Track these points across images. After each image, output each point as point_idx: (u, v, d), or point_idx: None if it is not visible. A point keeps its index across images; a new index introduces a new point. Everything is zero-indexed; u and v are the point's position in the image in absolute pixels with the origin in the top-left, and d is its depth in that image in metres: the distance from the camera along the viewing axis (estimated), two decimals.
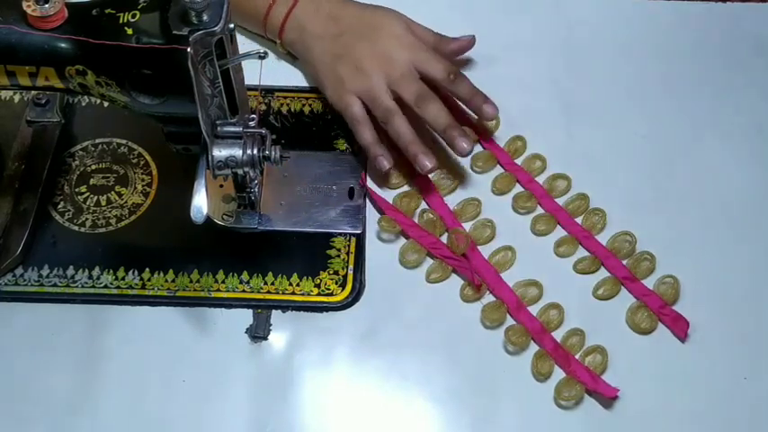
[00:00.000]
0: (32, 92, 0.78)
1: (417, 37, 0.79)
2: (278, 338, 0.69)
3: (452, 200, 0.77)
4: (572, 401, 0.66)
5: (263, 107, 0.82)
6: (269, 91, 0.83)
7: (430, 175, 0.76)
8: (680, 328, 0.69)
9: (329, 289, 0.72)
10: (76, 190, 0.76)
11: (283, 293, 0.71)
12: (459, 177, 0.78)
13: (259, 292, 0.71)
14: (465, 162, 0.79)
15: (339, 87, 0.77)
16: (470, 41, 0.82)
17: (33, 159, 0.76)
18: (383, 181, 0.77)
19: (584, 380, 0.67)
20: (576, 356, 0.68)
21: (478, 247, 0.74)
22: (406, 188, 0.77)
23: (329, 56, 0.78)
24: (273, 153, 0.66)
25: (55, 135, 0.78)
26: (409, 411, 0.67)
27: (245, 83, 0.67)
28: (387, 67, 0.76)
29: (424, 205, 0.76)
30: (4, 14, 0.59)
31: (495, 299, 0.71)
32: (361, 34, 0.78)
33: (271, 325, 0.70)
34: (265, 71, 0.66)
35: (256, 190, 0.72)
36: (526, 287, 0.71)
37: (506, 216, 0.76)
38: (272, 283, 0.71)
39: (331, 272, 0.72)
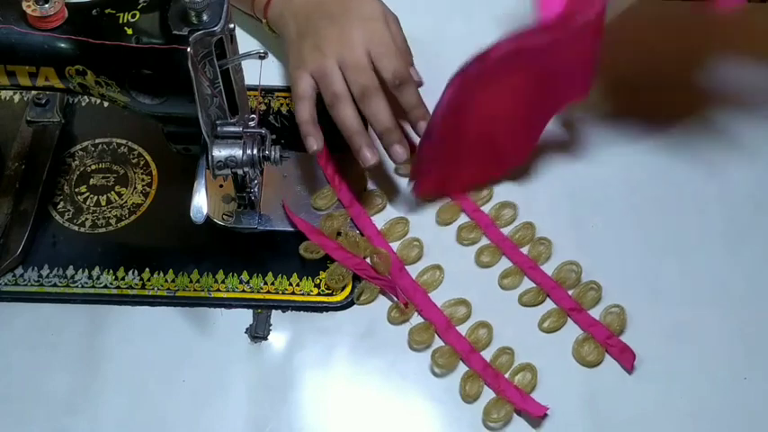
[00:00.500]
0: (32, 92, 0.78)
1: (388, 30, 0.75)
2: (278, 338, 0.69)
3: (382, 218, 0.75)
4: (500, 422, 0.65)
5: (263, 107, 0.82)
6: (269, 91, 0.83)
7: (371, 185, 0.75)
8: (626, 359, 0.67)
9: (329, 289, 0.72)
10: (76, 190, 0.76)
11: (283, 293, 0.71)
12: (388, 194, 0.77)
13: (259, 292, 0.71)
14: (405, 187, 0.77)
15: (297, 64, 0.75)
16: (419, 83, 0.75)
17: (33, 159, 0.76)
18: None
19: (513, 399, 0.65)
20: (506, 375, 0.67)
21: (407, 267, 0.72)
22: (331, 210, 0.75)
23: (297, 33, 0.77)
24: (273, 153, 0.66)
25: (55, 135, 0.78)
26: (409, 411, 0.67)
27: (245, 83, 0.67)
28: (343, 50, 0.73)
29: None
30: (4, 14, 0.59)
31: (423, 320, 0.70)
32: (332, 15, 0.75)
33: (271, 325, 0.70)
34: (265, 71, 0.66)
35: (256, 190, 0.73)
36: (455, 306, 0.70)
37: (450, 247, 0.74)
38: (272, 283, 0.71)
39: None
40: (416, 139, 0.75)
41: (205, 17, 0.58)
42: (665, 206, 0.77)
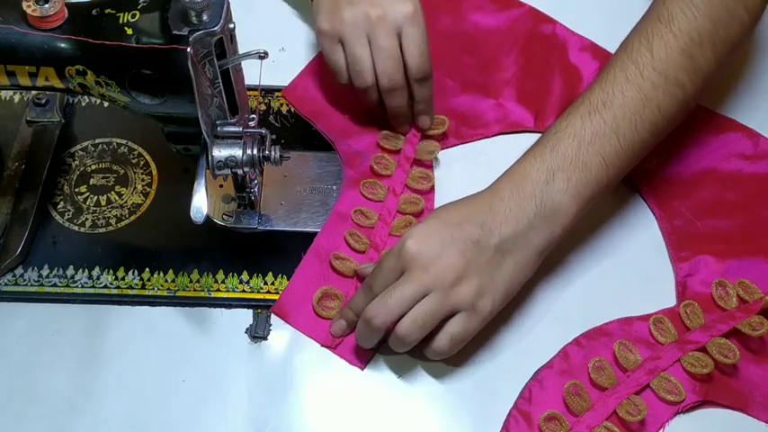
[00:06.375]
0: (32, 92, 0.78)
1: (422, 22, 0.74)
2: (278, 338, 0.69)
3: None
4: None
5: (263, 107, 0.82)
6: (269, 91, 0.83)
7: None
8: None
9: None
10: (76, 190, 0.76)
11: None
12: None
13: (259, 292, 0.71)
14: None
15: (326, 18, 0.76)
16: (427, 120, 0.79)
17: (33, 159, 0.76)
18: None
19: None
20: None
21: None
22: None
23: None
24: (273, 153, 0.66)
25: (55, 135, 0.78)
26: (409, 411, 0.67)
27: (246, 83, 0.67)
28: (377, 29, 0.73)
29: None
30: (4, 14, 0.59)
31: None
32: None
33: (271, 325, 0.70)
34: (265, 71, 0.66)
35: (256, 190, 0.73)
36: None
37: None
38: (272, 283, 0.71)
39: None
40: None
41: (205, 17, 0.58)
42: None
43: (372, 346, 0.67)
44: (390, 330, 0.64)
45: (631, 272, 0.73)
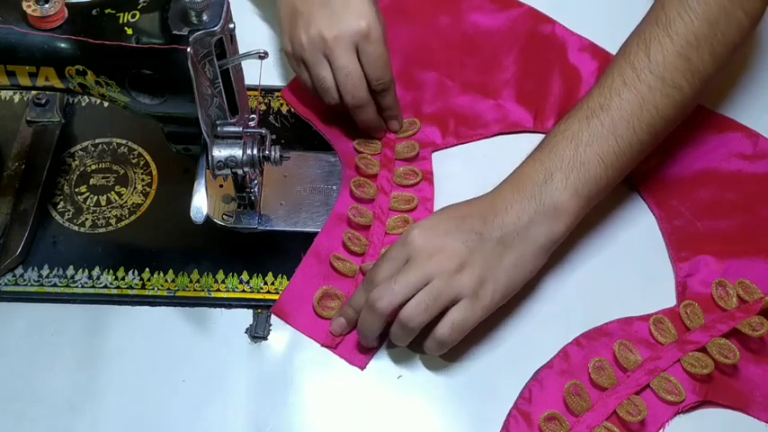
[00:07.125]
0: (32, 92, 0.78)
1: (379, 31, 0.74)
2: (278, 338, 0.69)
3: None
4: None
5: (263, 107, 0.82)
6: (269, 91, 0.83)
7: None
8: None
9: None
10: (76, 190, 0.76)
11: None
12: None
13: (259, 292, 0.71)
14: None
15: (288, 42, 0.77)
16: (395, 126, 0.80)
17: (33, 159, 0.76)
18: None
19: None
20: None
21: None
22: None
23: (290, 7, 0.76)
24: (273, 153, 0.67)
25: (55, 135, 0.78)
26: (409, 411, 0.67)
27: (246, 83, 0.67)
28: (335, 48, 0.73)
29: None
30: (4, 14, 0.59)
31: None
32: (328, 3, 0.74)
33: (271, 325, 0.70)
34: (265, 71, 0.66)
35: (256, 190, 0.73)
36: None
37: None
38: (272, 283, 0.71)
39: None
40: None
41: (205, 17, 0.58)
42: None
43: (374, 339, 0.67)
44: (393, 319, 0.64)
45: (631, 272, 0.73)
